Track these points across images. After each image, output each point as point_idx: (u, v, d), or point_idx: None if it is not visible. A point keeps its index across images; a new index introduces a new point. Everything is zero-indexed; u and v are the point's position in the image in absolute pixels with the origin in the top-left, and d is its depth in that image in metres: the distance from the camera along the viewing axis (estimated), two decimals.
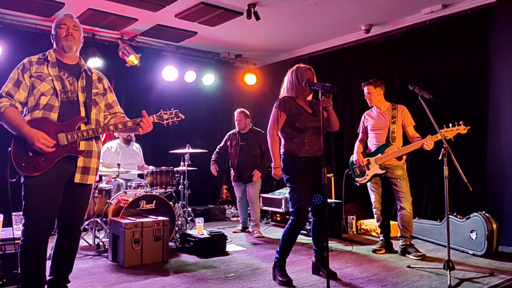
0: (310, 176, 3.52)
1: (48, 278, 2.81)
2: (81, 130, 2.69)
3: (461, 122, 3.98)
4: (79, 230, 2.90)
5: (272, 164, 3.64)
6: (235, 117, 5.88)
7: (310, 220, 4.16)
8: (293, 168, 3.54)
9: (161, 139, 6.88)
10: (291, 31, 6.44)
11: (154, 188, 4.96)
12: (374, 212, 4.69)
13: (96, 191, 4.72)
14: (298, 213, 3.47)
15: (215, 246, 4.53)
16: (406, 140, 4.51)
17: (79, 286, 3.40)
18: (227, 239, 4.71)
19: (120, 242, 4.08)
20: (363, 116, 4.81)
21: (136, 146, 5.98)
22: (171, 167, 5.15)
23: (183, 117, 2.96)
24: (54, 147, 2.60)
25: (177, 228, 5.04)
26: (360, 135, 4.80)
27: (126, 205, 4.53)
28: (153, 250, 4.17)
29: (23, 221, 2.62)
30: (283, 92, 3.73)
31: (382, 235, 4.66)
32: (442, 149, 3.56)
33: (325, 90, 3.05)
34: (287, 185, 3.59)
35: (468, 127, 3.99)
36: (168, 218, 4.39)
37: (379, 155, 4.48)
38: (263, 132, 5.82)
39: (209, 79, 7.57)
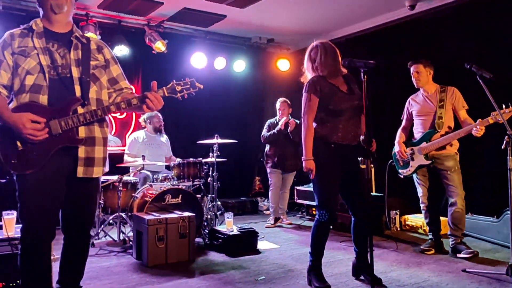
0: (340, 166, 3.07)
1: (55, 286, 2.49)
2: (77, 114, 2.22)
3: None
4: (87, 234, 2.51)
5: (303, 157, 3.08)
6: (278, 106, 5.75)
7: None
8: (320, 155, 3.05)
9: (190, 130, 6.72)
10: (326, 11, 5.96)
11: (181, 181, 4.68)
12: (421, 208, 4.22)
13: (120, 185, 4.47)
14: (324, 208, 3.03)
15: (245, 244, 4.20)
16: (458, 126, 4.00)
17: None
18: (258, 235, 4.37)
19: (144, 239, 3.81)
20: (407, 102, 4.34)
21: (164, 137, 5.73)
22: (199, 159, 4.86)
23: (201, 86, 2.50)
24: (47, 134, 2.16)
25: (205, 224, 4.75)
26: (404, 122, 4.34)
27: (151, 200, 4.27)
28: (179, 248, 3.88)
29: (21, 226, 2.26)
30: (308, 74, 3.25)
31: (431, 233, 4.18)
32: (506, 137, 3.09)
33: (368, 68, 2.62)
34: (311, 176, 3.08)
35: None
36: (194, 214, 4.08)
37: (424, 143, 4.03)
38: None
39: (240, 65, 7.21)
